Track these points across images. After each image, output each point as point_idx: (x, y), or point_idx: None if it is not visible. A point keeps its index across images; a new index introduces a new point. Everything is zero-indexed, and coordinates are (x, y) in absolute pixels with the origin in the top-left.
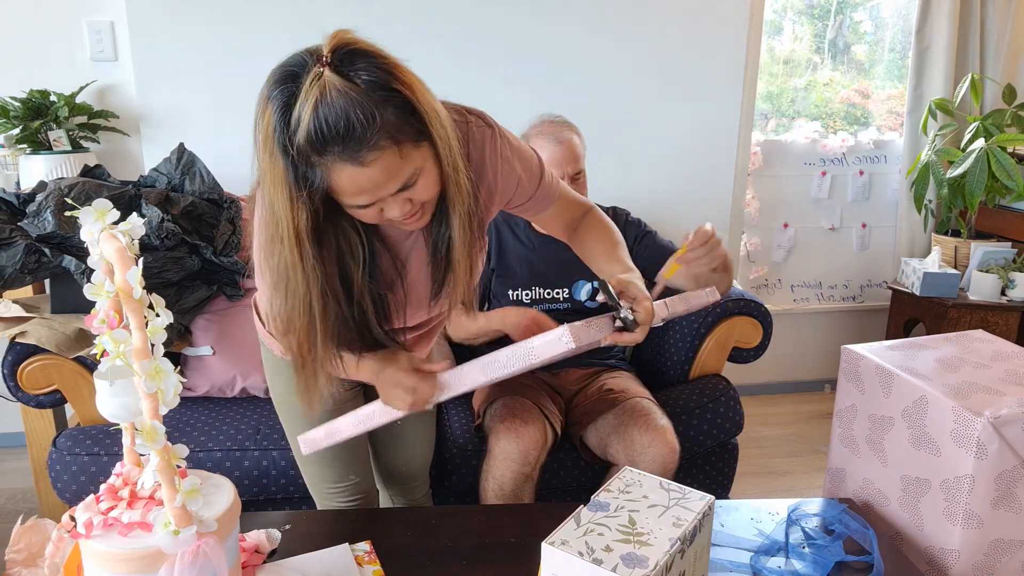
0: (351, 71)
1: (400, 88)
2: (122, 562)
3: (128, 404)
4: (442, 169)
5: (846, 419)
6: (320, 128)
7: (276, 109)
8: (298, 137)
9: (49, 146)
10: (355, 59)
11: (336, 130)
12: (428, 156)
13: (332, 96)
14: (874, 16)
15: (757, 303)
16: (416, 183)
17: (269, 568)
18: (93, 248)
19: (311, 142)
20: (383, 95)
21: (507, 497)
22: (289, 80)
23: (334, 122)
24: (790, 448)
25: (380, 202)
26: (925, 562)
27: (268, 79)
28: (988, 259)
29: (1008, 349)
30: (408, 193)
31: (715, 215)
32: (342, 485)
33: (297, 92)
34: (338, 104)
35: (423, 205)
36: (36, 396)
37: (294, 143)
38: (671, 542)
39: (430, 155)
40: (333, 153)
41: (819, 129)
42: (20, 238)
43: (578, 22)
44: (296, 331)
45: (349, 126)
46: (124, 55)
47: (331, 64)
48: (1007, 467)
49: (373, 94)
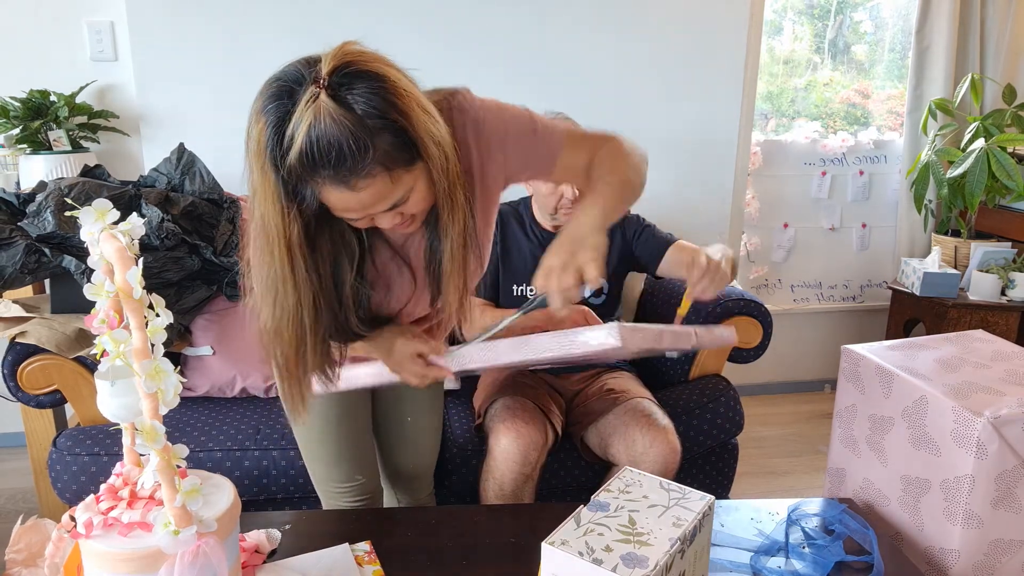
0: (348, 95)
1: (396, 117)
2: (122, 562)
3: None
4: (435, 187)
5: (846, 419)
6: (311, 153)
7: (269, 124)
8: (290, 156)
9: (49, 146)
10: (353, 83)
11: (327, 157)
12: (421, 175)
13: (326, 123)
14: (874, 16)
15: (757, 303)
16: (408, 200)
17: (269, 568)
18: (93, 248)
19: (302, 164)
20: (379, 123)
21: (507, 497)
22: (284, 95)
23: (326, 149)
24: (790, 448)
25: (370, 216)
26: (925, 562)
27: (263, 90)
28: (988, 259)
29: (1008, 349)
30: (400, 208)
31: (715, 215)
32: (348, 485)
33: (292, 110)
34: (331, 131)
35: (413, 216)
36: (36, 396)
37: (285, 161)
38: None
39: (423, 173)
40: (323, 176)
41: (819, 129)
42: (20, 238)
43: (578, 22)
44: (284, 342)
45: (341, 155)
46: (124, 55)
47: (328, 87)
48: (1007, 467)
49: (368, 122)
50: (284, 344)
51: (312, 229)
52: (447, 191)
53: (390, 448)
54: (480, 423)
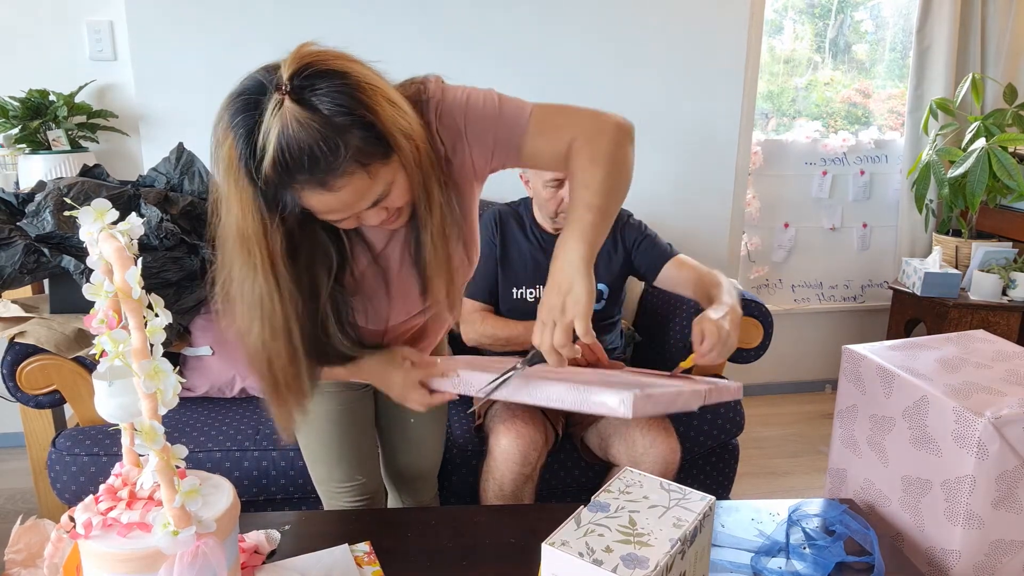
0: (312, 97)
1: (363, 113)
2: (121, 562)
3: (127, 404)
4: (411, 179)
5: (847, 419)
6: (284, 160)
7: (239, 138)
8: (264, 166)
9: (48, 146)
10: (316, 83)
11: (300, 162)
12: (398, 169)
13: (293, 128)
14: (875, 15)
15: (758, 303)
16: (390, 193)
17: (268, 568)
18: (92, 248)
19: (277, 172)
20: (346, 120)
21: (507, 497)
22: (251, 107)
23: (298, 154)
24: (791, 448)
25: (356, 214)
26: (926, 563)
27: (227, 106)
28: (989, 259)
29: (1009, 349)
30: (383, 203)
31: (715, 215)
32: (348, 485)
33: (259, 119)
34: (300, 136)
35: (399, 209)
36: (35, 396)
37: (260, 171)
38: (671, 543)
39: (400, 167)
40: (300, 181)
41: (820, 129)
42: (19, 238)
43: (578, 21)
44: (272, 357)
45: (313, 158)
46: (123, 55)
47: (290, 92)
48: (1008, 467)
49: (336, 120)
50: (279, 358)
51: (295, 239)
52: (421, 183)
53: (393, 449)
54: (480, 423)
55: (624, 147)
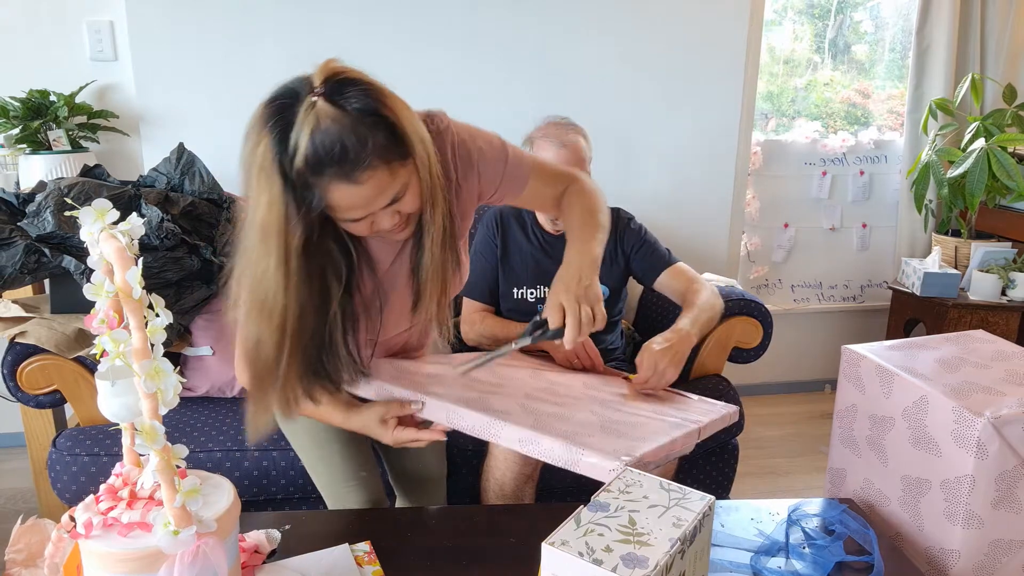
0: (342, 99)
1: (387, 114)
2: (122, 562)
3: (129, 404)
4: (421, 185)
5: (846, 419)
6: (317, 153)
7: (274, 138)
8: (296, 161)
9: (49, 146)
10: (345, 87)
11: (331, 155)
12: (412, 172)
13: (326, 124)
14: (874, 16)
15: (757, 303)
16: (404, 196)
17: (269, 568)
18: (93, 248)
19: (309, 165)
20: (373, 120)
21: (507, 497)
22: (285, 110)
23: (329, 147)
24: (790, 448)
25: (372, 215)
26: (925, 562)
27: (261, 112)
28: (988, 259)
29: (1008, 349)
30: (397, 206)
31: (715, 215)
32: (352, 483)
33: (292, 120)
34: (332, 131)
35: (408, 216)
36: (36, 396)
37: (293, 166)
38: (671, 542)
39: (414, 171)
40: (329, 174)
41: (819, 129)
42: (20, 238)
43: (578, 22)
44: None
45: (343, 150)
46: (124, 55)
47: (324, 94)
48: (1008, 467)
49: (364, 119)
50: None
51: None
52: (430, 189)
53: (394, 452)
54: None
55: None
